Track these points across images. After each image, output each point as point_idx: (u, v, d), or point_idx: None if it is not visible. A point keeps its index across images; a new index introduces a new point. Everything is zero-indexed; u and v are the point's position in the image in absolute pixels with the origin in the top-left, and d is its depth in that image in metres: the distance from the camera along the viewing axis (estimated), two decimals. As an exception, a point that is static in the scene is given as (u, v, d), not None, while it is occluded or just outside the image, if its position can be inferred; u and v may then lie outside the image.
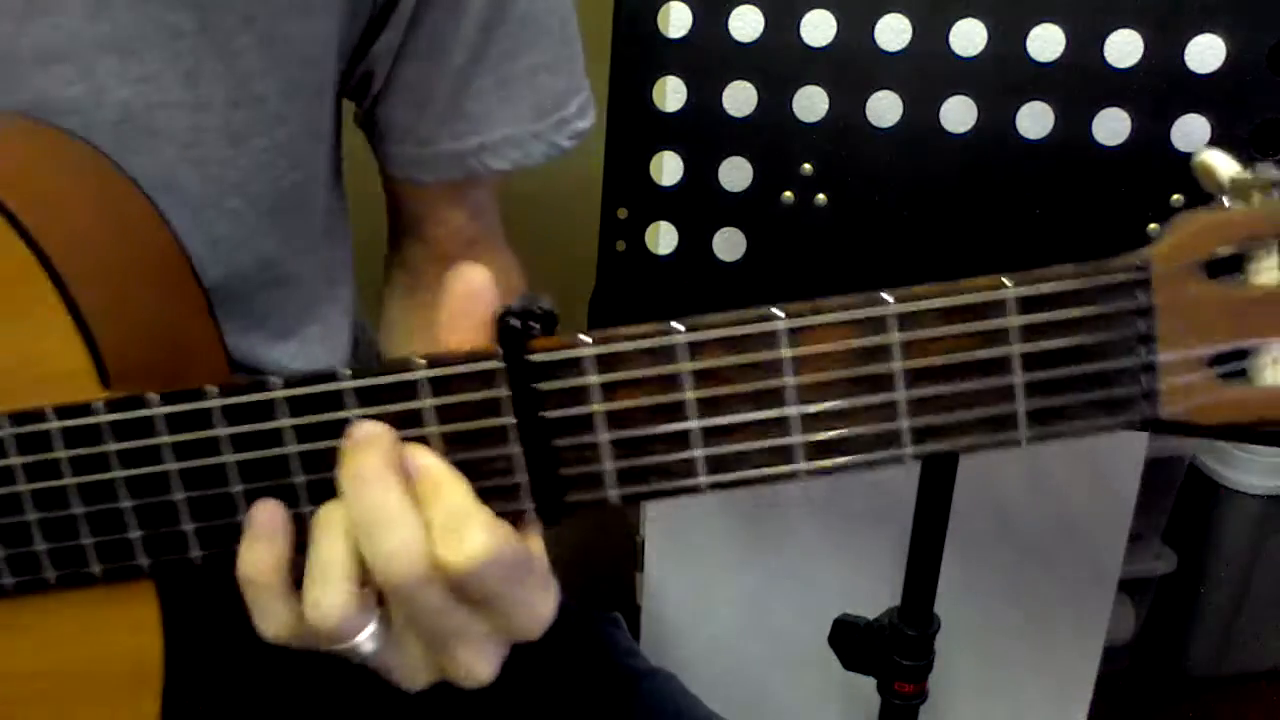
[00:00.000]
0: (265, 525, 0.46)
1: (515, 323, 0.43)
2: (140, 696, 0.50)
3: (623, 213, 0.76)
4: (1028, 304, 0.42)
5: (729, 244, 0.76)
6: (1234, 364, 0.43)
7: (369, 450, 0.44)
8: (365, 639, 0.45)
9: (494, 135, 0.70)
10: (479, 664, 0.46)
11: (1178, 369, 0.43)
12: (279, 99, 0.61)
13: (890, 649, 0.93)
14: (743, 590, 1.28)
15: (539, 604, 0.45)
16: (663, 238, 0.77)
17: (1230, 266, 0.42)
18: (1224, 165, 0.43)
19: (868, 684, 0.95)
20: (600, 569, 1.50)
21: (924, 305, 0.42)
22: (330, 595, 0.44)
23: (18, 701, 0.51)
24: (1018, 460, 1.20)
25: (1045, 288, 0.42)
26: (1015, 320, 0.42)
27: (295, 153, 0.65)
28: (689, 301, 0.78)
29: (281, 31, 0.60)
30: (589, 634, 0.81)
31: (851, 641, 0.95)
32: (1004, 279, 0.42)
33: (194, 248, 0.61)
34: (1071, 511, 1.22)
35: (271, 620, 0.46)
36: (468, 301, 0.45)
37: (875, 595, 1.01)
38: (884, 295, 0.42)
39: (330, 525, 0.44)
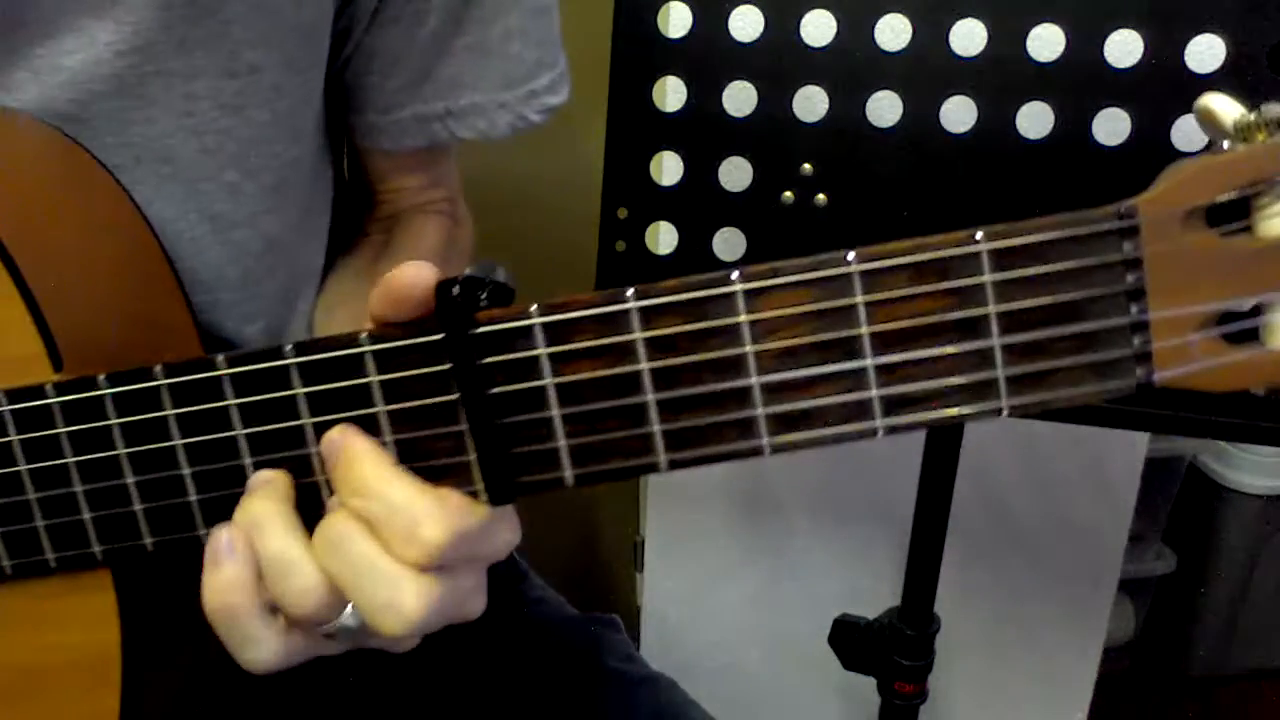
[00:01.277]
0: (224, 547, 0.45)
1: (455, 291, 0.41)
2: (100, 690, 0.49)
3: (623, 213, 0.76)
4: (1002, 258, 0.39)
5: (729, 244, 0.76)
6: (1242, 323, 0.38)
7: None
8: (349, 614, 0.45)
9: (460, 102, 0.69)
10: (471, 604, 0.45)
11: (1173, 328, 0.38)
12: (276, 70, 0.61)
13: (890, 649, 0.93)
14: (743, 590, 1.28)
15: (499, 543, 0.44)
16: (663, 238, 0.77)
17: (1234, 216, 0.38)
18: (1226, 108, 0.38)
19: (868, 684, 0.95)
20: (600, 569, 1.50)
21: (890, 263, 0.39)
22: (299, 580, 0.43)
23: None
24: (1018, 460, 1.20)
25: (1020, 240, 0.38)
26: (990, 276, 0.39)
27: (295, 126, 0.64)
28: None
29: (272, 1, 0.59)
30: (586, 638, 0.81)
31: (851, 641, 0.95)
32: (976, 232, 0.39)
33: (191, 226, 0.61)
34: (1071, 511, 1.22)
35: (259, 646, 0.45)
36: (403, 290, 0.43)
37: (875, 595, 1.01)
38: (846, 254, 0.40)
39: (270, 519, 0.44)
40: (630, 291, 0.41)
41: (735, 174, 0.75)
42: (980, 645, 1.27)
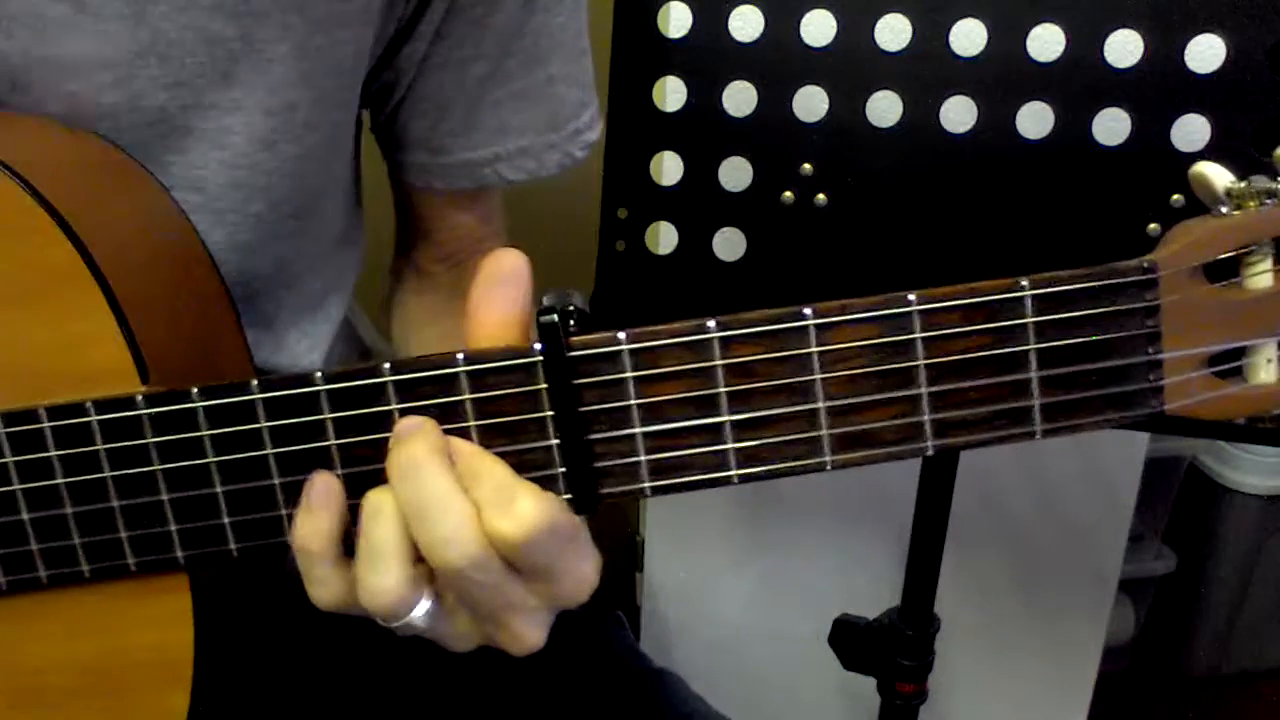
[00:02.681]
0: (321, 495, 0.46)
1: (554, 318, 0.44)
2: (169, 690, 0.51)
3: (623, 213, 0.76)
4: (1043, 302, 0.44)
5: (729, 243, 0.76)
6: (1231, 363, 0.45)
7: (417, 439, 0.45)
8: (419, 616, 0.46)
9: (509, 146, 0.71)
10: (530, 633, 0.47)
11: (1180, 366, 0.45)
12: (310, 107, 0.62)
13: (890, 649, 0.93)
14: (743, 590, 1.28)
15: (586, 570, 0.47)
16: (663, 237, 0.77)
17: (1228, 271, 0.45)
18: (1219, 176, 0.45)
19: (868, 684, 0.95)
20: (600, 568, 1.50)
21: (945, 304, 0.44)
22: (384, 578, 0.45)
23: (49, 692, 0.52)
24: (1018, 460, 1.20)
25: (1059, 287, 0.44)
26: (1031, 318, 0.44)
27: (320, 160, 0.65)
28: (689, 301, 0.78)
29: (315, 42, 0.60)
30: (594, 634, 0.81)
31: (851, 641, 0.95)
32: (1021, 280, 0.44)
33: (215, 249, 0.62)
34: (1071, 511, 1.22)
35: (324, 589, 0.47)
36: (501, 283, 0.46)
37: (875, 595, 1.01)
38: (908, 295, 0.44)
39: (380, 509, 0.45)
40: (712, 322, 0.44)
41: (735, 174, 0.75)
42: (980, 645, 1.27)
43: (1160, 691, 1.71)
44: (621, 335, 0.45)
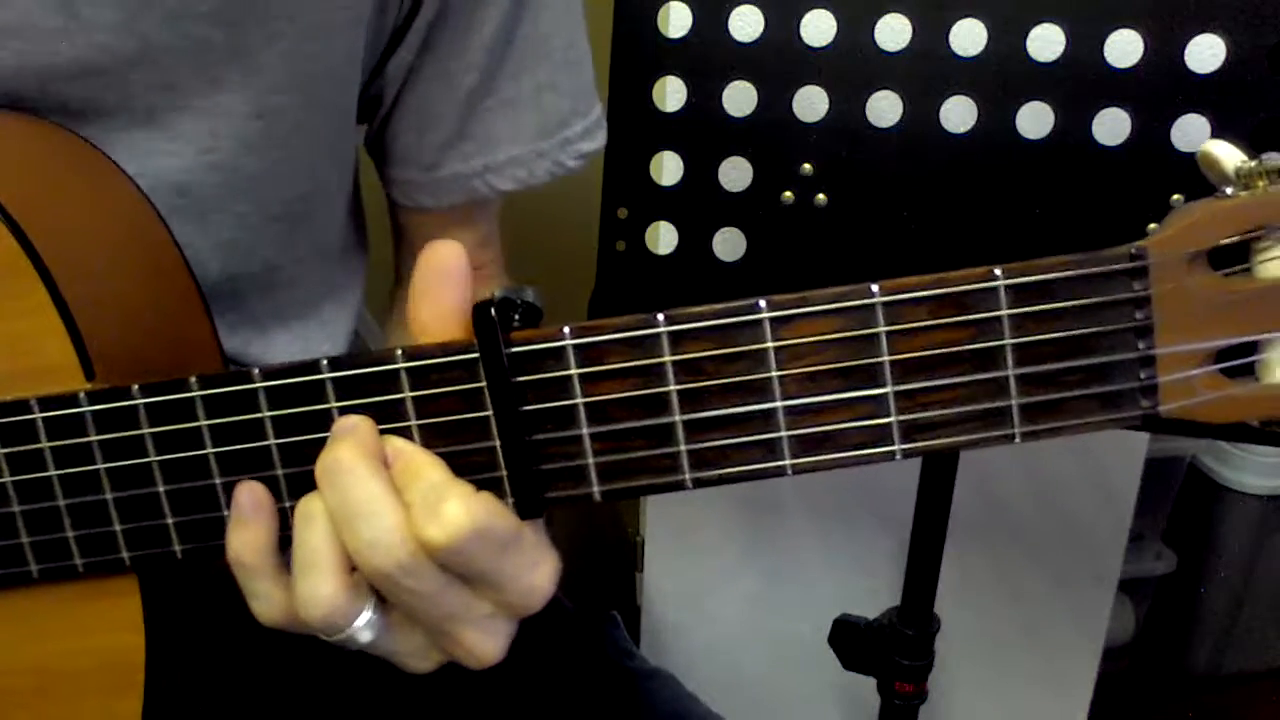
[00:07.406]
0: (248, 507, 0.45)
1: (492, 312, 0.42)
2: (121, 694, 0.50)
3: (623, 213, 0.76)
4: (1019, 293, 0.40)
5: (729, 244, 0.76)
6: (1241, 359, 0.41)
7: (343, 441, 0.43)
8: (361, 628, 0.45)
9: (498, 156, 0.70)
10: (483, 644, 0.45)
11: (1178, 363, 0.41)
12: (299, 112, 0.62)
13: (890, 649, 0.93)
14: (743, 590, 1.28)
15: (533, 575, 0.45)
16: (663, 237, 0.77)
17: (1236, 259, 0.40)
18: (1228, 155, 0.41)
19: (868, 684, 0.95)
20: (600, 569, 1.50)
21: (912, 295, 0.41)
22: (317, 586, 0.44)
23: (1, 694, 0.51)
24: (1018, 460, 1.20)
25: (1037, 277, 0.40)
26: (1006, 310, 0.41)
27: (310, 165, 0.65)
28: (689, 301, 0.78)
29: (305, 49, 0.60)
30: (587, 634, 0.81)
31: (851, 641, 0.95)
32: (995, 269, 0.41)
33: (200, 249, 0.62)
34: (1071, 511, 1.22)
35: (265, 604, 0.46)
36: (439, 274, 0.44)
37: (875, 595, 1.01)
38: (871, 286, 0.41)
39: (311, 516, 0.44)
40: (660, 316, 0.42)
41: (735, 174, 0.75)
42: (980, 645, 1.27)
43: (1160, 691, 1.71)
44: (566, 330, 0.42)
